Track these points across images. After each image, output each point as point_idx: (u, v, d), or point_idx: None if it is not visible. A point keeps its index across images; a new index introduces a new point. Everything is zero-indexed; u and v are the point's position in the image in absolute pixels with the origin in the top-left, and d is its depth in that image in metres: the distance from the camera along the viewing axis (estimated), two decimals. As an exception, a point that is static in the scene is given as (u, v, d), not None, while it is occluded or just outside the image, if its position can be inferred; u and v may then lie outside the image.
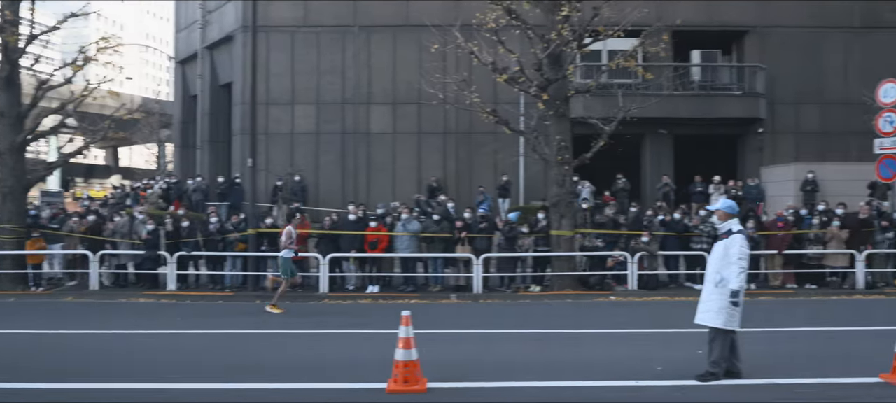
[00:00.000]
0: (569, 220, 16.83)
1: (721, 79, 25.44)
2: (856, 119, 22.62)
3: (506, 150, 23.18)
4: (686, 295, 15.45)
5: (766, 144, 25.60)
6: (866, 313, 13.26)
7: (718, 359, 7.86)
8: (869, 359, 8.62)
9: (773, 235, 17.31)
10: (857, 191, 20.42)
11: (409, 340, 7.46)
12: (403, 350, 7.43)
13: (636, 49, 17.61)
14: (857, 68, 25.41)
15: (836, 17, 25.96)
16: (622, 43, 19.29)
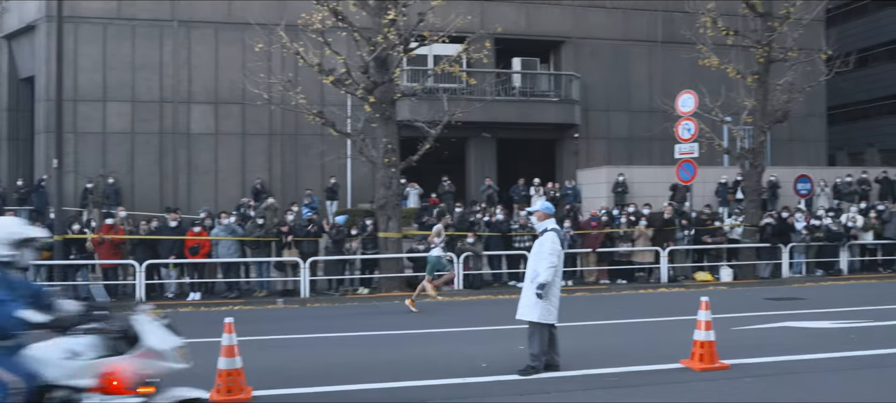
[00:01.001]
0: (396, 222, 16.94)
1: (540, 86, 26.68)
2: (659, 126, 24.42)
3: (333, 152, 22.99)
4: (509, 293, 16.00)
5: (580, 148, 27.10)
6: (669, 304, 14.33)
7: (538, 353, 8.21)
8: (672, 347, 9.33)
9: (588, 234, 18.33)
10: (661, 193, 22.09)
11: (232, 348, 7.19)
12: (226, 358, 7.16)
13: (460, 55, 18.04)
14: (659, 79, 27.53)
15: (642, 32, 28.02)
16: (447, 48, 19.74)
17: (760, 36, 19.11)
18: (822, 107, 31.11)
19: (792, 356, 8.94)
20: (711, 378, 7.91)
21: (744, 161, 19.57)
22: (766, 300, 14.77)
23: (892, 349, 9.34)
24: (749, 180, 19.58)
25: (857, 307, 13.29)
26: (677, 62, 26.53)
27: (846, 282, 18.31)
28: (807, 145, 30.30)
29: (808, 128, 30.29)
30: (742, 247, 19.19)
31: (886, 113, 45.59)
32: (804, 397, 7.21)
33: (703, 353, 8.32)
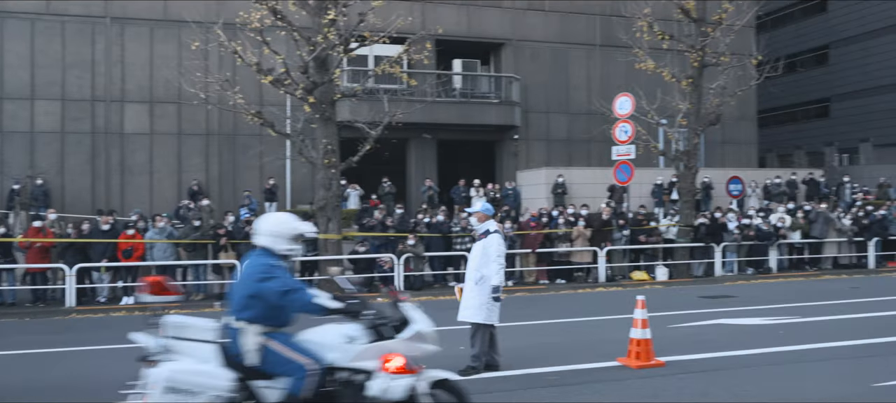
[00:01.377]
0: (336, 224, 16.82)
1: (480, 87, 26.84)
2: (597, 128, 24.83)
3: (272, 153, 22.71)
4: (450, 294, 16.04)
5: (520, 150, 27.36)
6: (607, 303, 14.58)
7: (479, 354, 8.26)
8: (610, 345, 9.49)
9: (527, 235, 18.51)
10: (599, 194, 22.46)
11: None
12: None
13: (401, 56, 18.01)
14: (598, 82, 28.00)
15: (580, 35, 28.44)
16: (388, 49, 19.72)
17: (694, 41, 19.60)
18: (753, 110, 32.07)
19: (724, 352, 9.19)
20: (647, 376, 8.08)
21: (678, 163, 20.04)
22: (699, 298, 15.15)
23: (816, 344, 9.68)
24: (683, 181, 20.05)
25: (785, 304, 13.75)
26: (615, 65, 27.03)
27: (775, 280, 18.90)
28: (738, 147, 31.19)
29: (740, 131, 31.18)
30: (677, 247, 19.65)
31: (813, 116, 47.27)
32: (735, 391, 7.42)
33: (640, 351, 8.49)
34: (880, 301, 14.20)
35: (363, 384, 5.20)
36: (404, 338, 5.38)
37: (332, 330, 5.35)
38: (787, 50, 43.11)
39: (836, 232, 21.08)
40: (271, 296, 5.11)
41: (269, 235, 5.34)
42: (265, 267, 5.18)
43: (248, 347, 5.08)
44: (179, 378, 4.87)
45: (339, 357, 5.22)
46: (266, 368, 5.10)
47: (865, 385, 7.56)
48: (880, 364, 8.47)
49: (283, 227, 5.36)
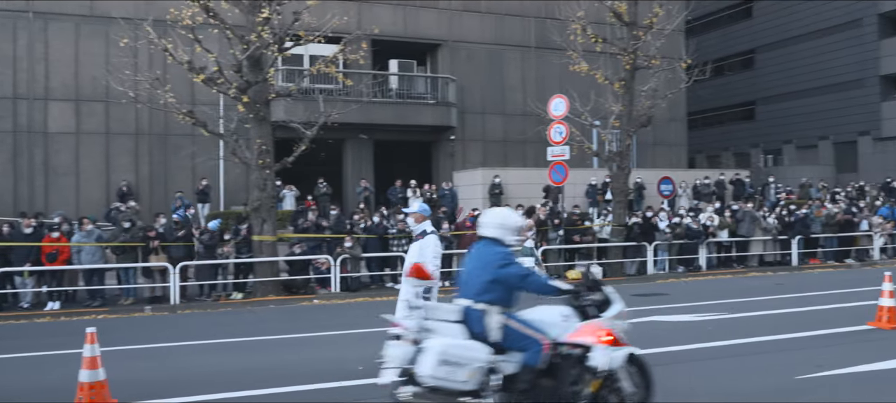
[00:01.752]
0: (271, 225, 16.58)
1: (417, 88, 26.84)
2: (532, 129, 25.08)
3: (205, 153, 22.25)
4: (388, 294, 15.99)
5: (457, 150, 27.47)
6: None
7: (418, 355, 8.25)
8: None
9: (464, 235, 18.58)
10: (535, 194, 22.70)
11: (94, 359, 6.81)
12: (88, 370, 6.77)
13: (337, 55, 17.86)
14: (533, 83, 28.32)
15: (516, 37, 28.72)
16: (323, 48, 19.52)
17: (626, 44, 19.98)
18: (683, 112, 32.90)
19: (657, 348, 9.36)
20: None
21: (612, 163, 20.39)
22: (632, 296, 15.42)
23: (744, 339, 9.98)
24: (616, 182, 20.42)
25: (714, 301, 14.14)
26: (549, 67, 27.36)
27: (705, 278, 19.41)
28: (669, 149, 31.96)
29: (670, 133, 31.96)
30: (610, 246, 20.00)
31: (740, 119, 48.75)
32: (667, 386, 7.57)
33: (575, 349, 8.60)
34: (803, 296, 14.71)
35: (581, 356, 5.83)
36: (610, 317, 6.09)
37: (550, 311, 6.08)
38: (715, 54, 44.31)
39: (761, 230, 21.78)
40: (512, 280, 5.83)
41: (498, 228, 6.01)
42: (504, 256, 5.87)
43: (492, 326, 5.70)
44: (450, 352, 5.47)
45: (559, 333, 5.91)
46: (505, 344, 5.71)
47: (789, 378, 7.82)
48: (802, 358, 8.77)
49: (509, 221, 6.09)
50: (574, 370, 5.84)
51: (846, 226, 23.07)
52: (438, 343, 5.53)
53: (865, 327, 10.75)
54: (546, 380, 5.78)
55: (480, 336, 5.70)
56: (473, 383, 5.50)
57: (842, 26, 41.79)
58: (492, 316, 5.73)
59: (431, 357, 5.43)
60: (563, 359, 5.84)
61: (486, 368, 5.55)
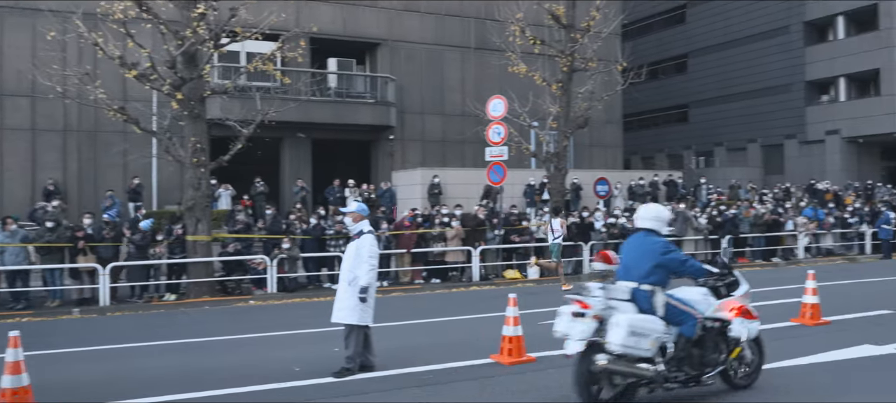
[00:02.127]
0: (205, 225, 16.26)
1: (356, 87, 26.68)
2: (471, 129, 25.20)
3: (137, 151, 21.68)
4: (325, 295, 15.86)
5: (396, 150, 27.41)
6: (481, 302, 14.82)
7: (353, 355, 8.21)
8: (483, 342, 9.65)
9: (402, 235, 18.56)
10: (473, 194, 22.80)
11: (18, 364, 6.55)
12: (11, 375, 6.51)
13: (274, 53, 17.62)
14: (472, 84, 28.45)
15: (455, 38, 28.82)
16: (261, 46, 19.26)
17: (564, 46, 20.25)
18: (619, 114, 33.51)
19: (591, 347, 9.52)
20: (519, 371, 8.27)
21: (549, 164, 20.64)
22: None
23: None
24: (554, 182, 20.68)
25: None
26: (488, 68, 27.53)
27: (639, 277, 19.78)
28: (605, 150, 32.51)
29: (607, 134, 32.51)
30: (547, 246, 20.21)
31: (674, 121, 49.89)
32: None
33: (512, 348, 8.69)
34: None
35: (722, 329, 7.01)
36: (739, 295, 7.22)
37: (693, 290, 7.14)
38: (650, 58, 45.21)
39: (693, 230, 22.33)
40: (673, 265, 6.80)
41: (654, 220, 7.05)
42: (664, 244, 6.87)
43: (659, 304, 6.64)
44: (638, 325, 6.35)
45: (704, 309, 6.97)
46: (666, 318, 6.64)
47: (719, 374, 8.04)
48: (732, 354, 9.03)
49: (663, 215, 7.18)
50: (716, 340, 7.02)
51: (773, 226, 23.86)
52: (627, 318, 6.36)
53: (790, 323, 11.12)
54: (695, 349, 6.86)
55: (647, 313, 6.59)
56: (653, 351, 6.42)
57: (770, 33, 43.15)
58: (658, 296, 6.69)
59: (623, 330, 6.28)
60: (706, 331, 6.93)
61: (663, 339, 6.55)
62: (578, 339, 6.50)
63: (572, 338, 6.54)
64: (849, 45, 40.06)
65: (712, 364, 6.98)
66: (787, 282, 16.55)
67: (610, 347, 6.35)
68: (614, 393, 6.55)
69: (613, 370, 6.42)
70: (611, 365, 6.40)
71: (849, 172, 39.20)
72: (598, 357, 6.42)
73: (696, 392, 7.07)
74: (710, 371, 6.97)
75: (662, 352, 6.56)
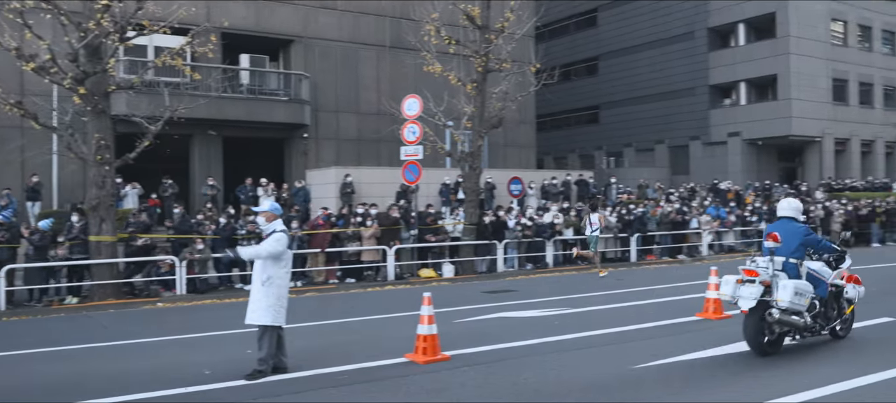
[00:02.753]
0: (110, 224, 15.65)
1: (269, 84, 26.20)
2: (386, 128, 25.13)
3: (36, 148, 20.66)
4: (237, 296, 15.55)
5: (310, 149, 27.07)
6: (396, 301, 14.81)
7: (266, 357, 8.06)
8: (398, 342, 9.64)
9: (316, 234, 18.36)
10: (388, 193, 22.75)
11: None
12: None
13: (184, 47, 17.12)
14: (387, 82, 28.38)
15: (371, 36, 28.68)
16: (169, 40, 18.64)
17: (479, 47, 20.42)
18: (532, 115, 34.04)
19: (505, 344, 9.66)
20: (434, 370, 8.30)
21: (464, 163, 20.78)
22: (483, 293, 15.81)
23: (587, 332, 10.46)
24: (468, 181, 20.84)
25: (560, 296, 14.72)
26: (404, 67, 27.51)
27: (551, 274, 20.17)
28: (519, 150, 32.97)
29: (520, 134, 32.99)
30: (462, 244, 20.38)
31: (585, 122, 51.04)
32: (515, 380, 7.82)
33: (427, 346, 8.71)
34: (641, 290, 15.62)
35: (838, 292, 9.38)
36: (845, 267, 9.55)
37: (817, 263, 9.27)
38: (562, 60, 46.18)
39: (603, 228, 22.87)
40: (812, 243, 9.09)
41: (794, 211, 9.24)
42: (806, 228, 9.09)
43: (803, 273, 8.85)
44: (800, 287, 8.45)
45: (828, 276, 9.21)
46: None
47: (627, 368, 8.27)
48: (639, 348, 9.30)
49: (800, 206, 9.46)
50: (835, 301, 9.38)
51: (679, 224, 24.72)
52: (792, 282, 8.42)
53: (694, 318, 11.55)
54: (822, 308, 9.03)
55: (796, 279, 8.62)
56: (805, 307, 8.53)
57: (677, 38, 44.68)
58: (802, 266, 8.87)
59: (790, 290, 8.32)
60: (830, 294, 9.19)
61: (813, 298, 8.69)
62: (751, 299, 8.40)
63: (744, 299, 8.46)
64: (749, 51, 41.88)
65: (833, 319, 9.37)
66: (692, 278, 17.19)
67: (780, 304, 8.33)
68: (772, 339, 8.67)
69: (781, 320, 8.39)
70: (781, 317, 8.36)
71: (749, 172, 41.01)
72: (772, 311, 8.37)
73: (810, 341, 9.35)
74: (831, 325, 9.32)
75: (809, 309, 8.66)
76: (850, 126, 42.65)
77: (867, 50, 44.11)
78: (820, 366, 8.27)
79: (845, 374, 7.70)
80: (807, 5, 40.23)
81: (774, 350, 8.70)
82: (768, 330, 8.57)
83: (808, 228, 9.11)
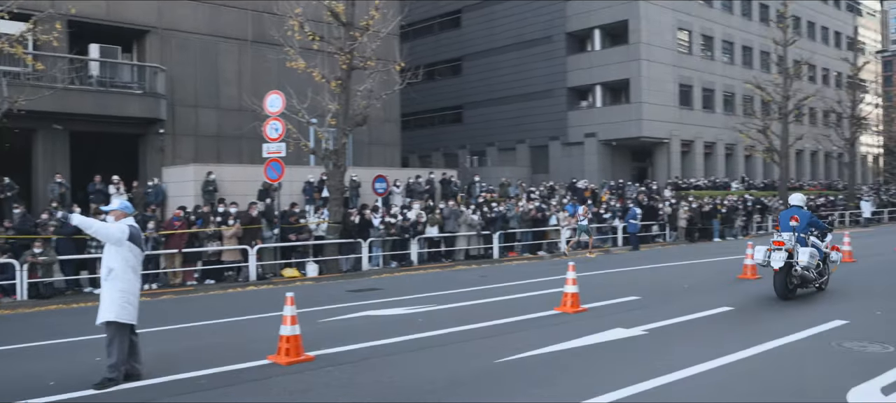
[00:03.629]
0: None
1: (122, 76, 24.89)
2: (248, 124, 24.49)
3: None
4: (86, 301, 14.71)
5: (167, 145, 25.96)
6: (258, 302, 14.46)
7: (117, 363, 7.65)
8: (261, 343, 9.42)
9: (173, 234, 17.64)
10: (250, 191, 22.19)
11: None
12: None
13: (25, 35, 15.96)
14: (249, 77, 27.66)
15: (232, 29, 27.83)
16: (8, 26, 17.34)
17: (343, 44, 20.27)
18: (397, 113, 34.16)
19: (370, 342, 9.64)
20: (297, 371, 8.17)
21: (328, 161, 20.57)
22: (348, 292, 15.72)
23: (451, 329, 10.61)
24: (333, 179, 20.65)
25: (424, 293, 14.85)
26: (266, 62, 26.91)
27: (416, 272, 20.33)
28: (384, 148, 33.00)
29: (385, 133, 33.03)
30: (326, 243, 20.17)
31: (449, 121, 51.76)
32: (379, 378, 7.83)
33: (289, 347, 8.56)
34: (503, 286, 16.01)
35: (824, 257, 13.14)
36: (829, 240, 13.50)
37: (813, 238, 12.83)
38: (427, 59, 46.58)
39: (466, 226, 23.32)
40: (816, 224, 12.98)
41: (802, 201, 13.31)
42: (811, 214, 13.08)
43: (809, 243, 12.53)
44: (813, 252, 12.34)
45: (821, 246, 12.91)
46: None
47: (490, 362, 8.46)
48: (503, 343, 9.54)
49: (804, 199, 13.47)
50: (824, 263, 13.19)
51: (539, 222, 25.55)
52: (808, 249, 12.27)
53: (553, 312, 11.96)
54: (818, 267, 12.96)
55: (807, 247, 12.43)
56: (814, 267, 12.54)
57: (537, 41, 46.14)
58: (810, 238, 12.72)
59: (806, 255, 12.19)
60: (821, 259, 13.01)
61: (818, 260, 12.72)
62: (780, 261, 12.10)
63: (776, 261, 12.13)
64: (604, 56, 43.86)
65: (822, 274, 13.30)
66: (551, 274, 17.80)
67: (800, 264, 12.25)
68: (791, 288, 12.59)
69: (801, 275, 12.41)
70: (802, 273, 12.39)
71: (604, 172, 42.98)
72: (796, 268, 12.30)
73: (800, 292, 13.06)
74: (821, 280, 13.30)
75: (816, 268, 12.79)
76: (694, 128, 45.54)
77: (709, 58, 47.25)
78: (674, 350, 8.76)
79: (702, 357, 8.20)
80: (656, 14, 42.61)
81: (793, 295, 12.63)
82: (790, 282, 12.48)
83: (812, 214, 13.37)
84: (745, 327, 10.41)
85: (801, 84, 46.36)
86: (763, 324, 10.55)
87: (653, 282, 16.07)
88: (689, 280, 16.30)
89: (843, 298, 12.94)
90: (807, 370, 7.94)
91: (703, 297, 13.32)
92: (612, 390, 7.08)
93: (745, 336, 9.52)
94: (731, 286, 15.03)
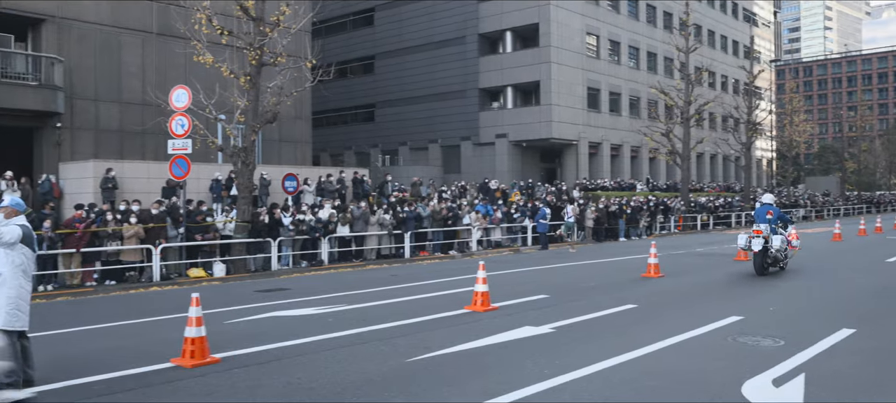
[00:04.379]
0: None
1: (15, 67, 23.69)
2: (152, 120, 23.72)
3: None
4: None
5: (64, 140, 24.88)
6: (162, 303, 14.01)
7: (12, 370, 7.25)
8: (164, 346, 9.14)
9: (71, 233, 16.90)
10: (154, 189, 21.51)
11: None
12: None
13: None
14: (153, 71, 26.80)
15: (135, 21, 26.90)
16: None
17: (253, 39, 19.88)
18: (308, 111, 33.75)
19: (278, 343, 9.48)
20: (202, 374, 7.96)
21: (237, 159, 20.14)
22: (256, 292, 15.42)
23: (361, 328, 10.55)
24: (241, 177, 20.21)
25: (335, 293, 14.72)
26: (172, 56, 26.14)
27: (327, 271, 20.13)
28: (294, 146, 32.55)
29: (296, 130, 32.58)
30: (234, 242, 19.74)
31: (361, 120, 51.50)
32: (288, 379, 7.71)
33: (195, 349, 8.32)
34: (414, 285, 16.03)
35: (787, 242, 16.92)
36: (790, 230, 17.44)
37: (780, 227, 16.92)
38: (339, 57, 46.27)
39: (378, 225, 23.24)
40: (783, 217, 17.24)
41: (772, 198, 17.64)
42: (779, 209, 17.59)
43: (779, 234, 16.56)
44: (782, 238, 16.51)
45: (784, 235, 16.80)
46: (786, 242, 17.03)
47: (401, 361, 8.45)
48: (413, 342, 9.55)
49: (773, 198, 18.37)
50: (786, 248, 16.71)
51: (450, 221, 25.70)
52: (779, 236, 16.25)
53: (464, 311, 12.06)
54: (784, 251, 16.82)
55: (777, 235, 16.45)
56: (782, 249, 16.51)
57: (450, 41, 46.45)
58: (779, 230, 16.49)
59: (779, 241, 16.19)
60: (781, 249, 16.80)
61: (785, 245, 16.58)
62: (759, 246, 15.82)
63: (756, 245, 15.82)
64: (515, 58, 44.54)
65: (785, 257, 16.94)
66: (462, 273, 17.95)
67: (774, 248, 16.14)
68: (765, 266, 16.14)
69: (774, 255, 16.25)
70: (775, 254, 16.27)
71: (514, 172, 43.64)
72: (770, 251, 16.12)
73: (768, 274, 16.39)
74: (784, 261, 16.92)
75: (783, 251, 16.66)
76: (601, 131, 46.80)
77: (616, 62, 48.66)
78: (580, 347, 8.96)
79: (607, 353, 8.42)
80: (565, 18, 43.56)
81: (766, 272, 16.32)
82: (766, 262, 16.25)
83: (779, 210, 17.22)
84: (648, 323, 10.77)
85: (702, 90, 48.37)
86: (665, 321, 10.94)
87: (561, 281, 16.43)
88: (596, 278, 16.74)
89: (740, 295, 13.54)
90: (705, 364, 8.27)
91: (609, 295, 13.69)
92: (521, 387, 7.19)
93: (648, 333, 9.85)
94: (635, 284, 15.52)
